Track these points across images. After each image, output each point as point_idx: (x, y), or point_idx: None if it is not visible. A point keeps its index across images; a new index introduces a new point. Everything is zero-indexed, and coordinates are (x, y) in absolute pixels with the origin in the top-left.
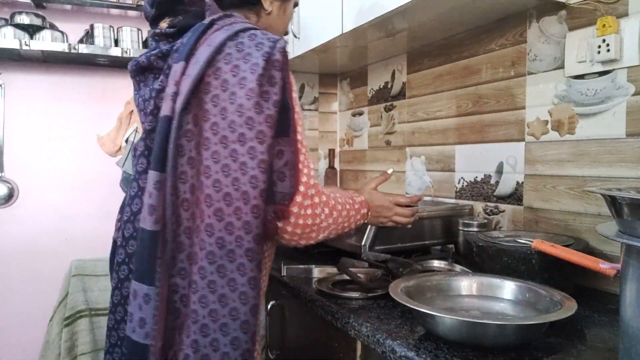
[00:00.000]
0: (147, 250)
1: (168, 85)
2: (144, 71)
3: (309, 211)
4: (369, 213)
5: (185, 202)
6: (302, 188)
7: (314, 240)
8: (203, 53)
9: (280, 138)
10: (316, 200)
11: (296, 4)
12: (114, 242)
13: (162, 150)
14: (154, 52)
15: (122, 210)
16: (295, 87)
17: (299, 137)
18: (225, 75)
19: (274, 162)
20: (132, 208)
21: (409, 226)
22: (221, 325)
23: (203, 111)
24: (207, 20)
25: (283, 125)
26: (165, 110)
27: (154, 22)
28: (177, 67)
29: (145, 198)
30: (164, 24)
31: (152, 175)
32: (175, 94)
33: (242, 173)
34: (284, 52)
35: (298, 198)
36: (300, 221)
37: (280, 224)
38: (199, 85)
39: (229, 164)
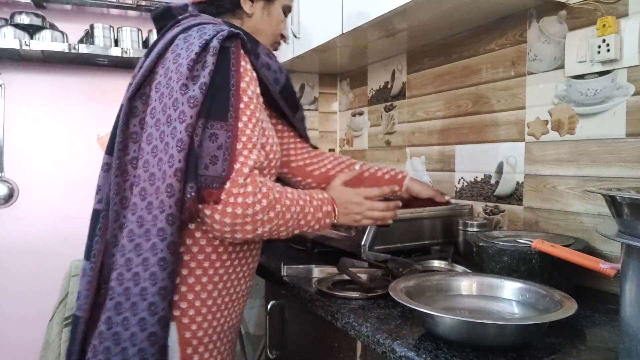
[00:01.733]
0: (90, 227)
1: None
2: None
3: (239, 199)
4: (337, 210)
5: (133, 185)
6: (233, 175)
7: (251, 234)
8: (158, 47)
9: (214, 121)
10: (249, 189)
11: (289, 9)
12: None
13: (113, 136)
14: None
15: None
16: (247, 78)
17: (240, 124)
18: (168, 63)
19: (207, 145)
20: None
21: (390, 222)
22: (132, 304)
23: (148, 98)
24: (174, 21)
25: (217, 108)
26: (123, 100)
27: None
28: (138, 65)
29: (97, 180)
30: None
31: (103, 158)
32: (130, 85)
33: (164, 153)
34: (226, 39)
35: (227, 185)
36: (229, 209)
37: (208, 212)
38: (150, 76)
39: (157, 144)
